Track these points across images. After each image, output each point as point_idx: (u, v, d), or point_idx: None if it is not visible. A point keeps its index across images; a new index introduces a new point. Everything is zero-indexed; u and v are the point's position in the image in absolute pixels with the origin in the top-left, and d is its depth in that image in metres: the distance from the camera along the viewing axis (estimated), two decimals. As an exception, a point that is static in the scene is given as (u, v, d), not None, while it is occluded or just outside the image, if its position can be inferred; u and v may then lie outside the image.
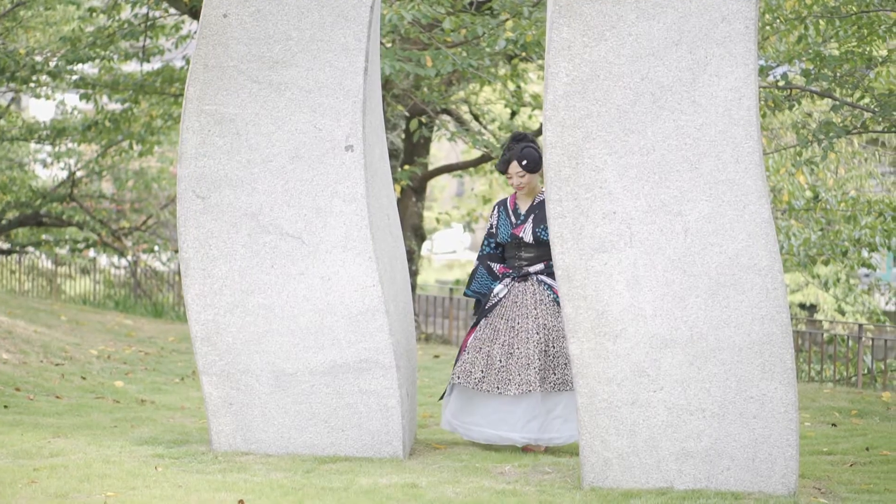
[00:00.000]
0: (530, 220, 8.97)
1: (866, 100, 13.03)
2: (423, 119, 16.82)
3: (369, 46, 8.58)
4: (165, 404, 10.94)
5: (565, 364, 8.67)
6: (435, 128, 18.22)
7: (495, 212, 9.15)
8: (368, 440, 8.45)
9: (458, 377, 8.84)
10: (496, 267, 9.08)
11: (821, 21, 13.73)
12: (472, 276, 9.16)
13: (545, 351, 8.71)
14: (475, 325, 9.00)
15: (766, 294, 7.52)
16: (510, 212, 9.10)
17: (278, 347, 8.48)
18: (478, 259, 9.18)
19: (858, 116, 13.09)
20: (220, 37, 8.50)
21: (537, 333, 8.73)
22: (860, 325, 15.33)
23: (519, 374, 8.67)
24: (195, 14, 17.90)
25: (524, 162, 8.93)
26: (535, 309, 8.83)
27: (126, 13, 20.16)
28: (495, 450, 8.82)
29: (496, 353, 8.78)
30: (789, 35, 14.55)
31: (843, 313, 22.97)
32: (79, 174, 26.30)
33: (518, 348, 8.74)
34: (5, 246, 29.03)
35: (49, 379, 11.49)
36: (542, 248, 8.93)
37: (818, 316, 23.72)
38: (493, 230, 9.13)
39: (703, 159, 7.58)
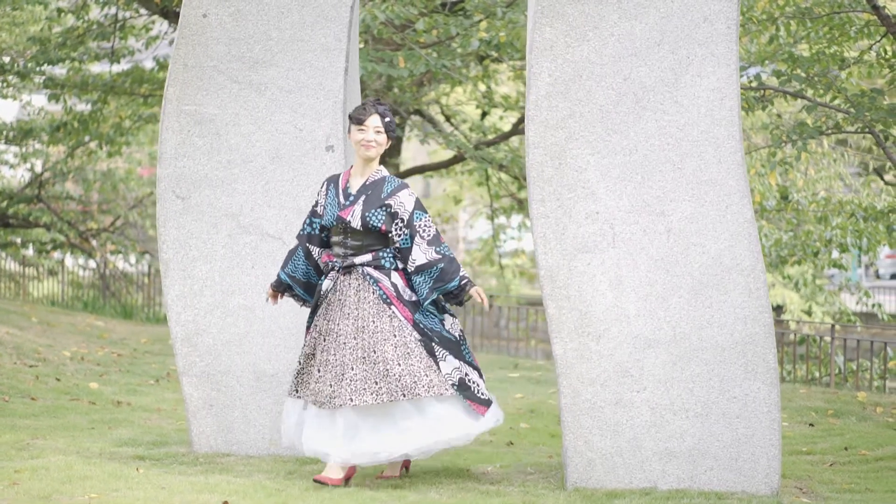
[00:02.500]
0: (360, 201, 7.61)
1: (838, 101, 13.07)
2: (397, 120, 16.78)
3: (349, 47, 8.57)
4: (141, 406, 10.88)
5: (398, 371, 7.38)
6: (408, 129, 18.20)
7: (324, 188, 7.79)
8: (350, 441, 8.42)
9: (291, 388, 7.74)
10: (316, 253, 7.79)
11: (792, 22, 13.77)
12: (289, 256, 7.85)
13: (364, 358, 7.41)
14: (308, 326, 7.79)
15: (749, 294, 7.54)
16: (340, 190, 7.72)
17: (259, 348, 8.46)
18: (297, 238, 7.86)
19: (832, 117, 13.13)
20: (200, 37, 8.47)
21: (354, 338, 7.45)
22: (833, 326, 15.38)
23: (331, 386, 7.43)
24: (166, 14, 17.86)
25: (387, 119, 7.64)
26: (357, 309, 7.52)
27: (95, 13, 20.06)
28: (476, 451, 8.80)
29: (317, 360, 7.57)
30: (760, 36, 14.59)
31: (809, 314, 23.06)
32: (46, 175, 26.14)
33: (334, 355, 7.48)
34: (-29, 247, 28.83)
35: (23, 381, 11.40)
36: (371, 237, 7.59)
37: (785, 316, 23.80)
38: (319, 209, 7.78)
39: (686, 159, 7.59)
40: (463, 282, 7.56)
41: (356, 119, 7.62)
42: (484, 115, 21.03)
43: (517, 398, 11.79)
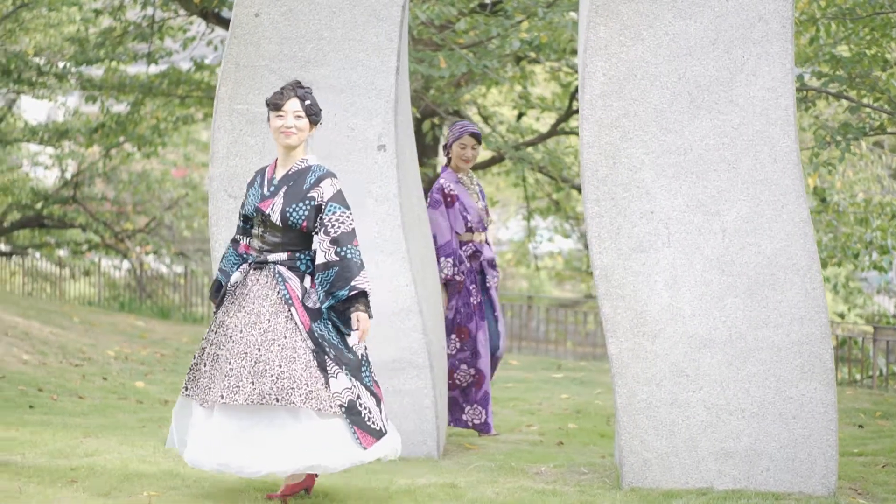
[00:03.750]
0: (281, 193, 6.86)
1: (881, 101, 13.03)
2: (436, 120, 16.80)
3: (400, 46, 8.58)
4: (188, 405, 10.90)
5: (276, 373, 6.62)
6: (446, 129, 18.18)
7: (253, 178, 7.14)
8: (403, 440, 8.39)
9: (184, 385, 6.99)
10: (241, 245, 7.10)
11: (832, 23, 13.72)
12: (224, 253, 7.23)
13: (246, 354, 6.68)
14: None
15: (805, 294, 7.52)
16: (266, 180, 7.00)
17: (311, 347, 8.45)
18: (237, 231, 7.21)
19: (875, 117, 13.08)
20: (252, 36, 8.48)
21: (241, 332, 6.74)
22: (875, 327, 15.33)
23: (218, 382, 6.71)
24: (205, 15, 17.89)
25: (307, 102, 6.89)
26: (254, 304, 6.77)
27: (132, 14, 20.11)
28: (528, 451, 8.80)
29: (206, 355, 6.88)
30: (800, 37, 14.55)
31: (842, 316, 22.98)
32: (81, 177, 26.23)
33: (220, 349, 6.78)
34: (6, 248, 28.95)
35: (70, 379, 11.45)
36: (291, 234, 6.85)
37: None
38: (245, 199, 7.11)
39: (741, 159, 7.57)
40: (353, 292, 6.71)
41: (273, 104, 6.88)
42: (520, 115, 21.01)
43: (563, 398, 11.79)
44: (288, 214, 6.78)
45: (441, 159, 23.94)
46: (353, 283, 6.69)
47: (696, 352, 7.55)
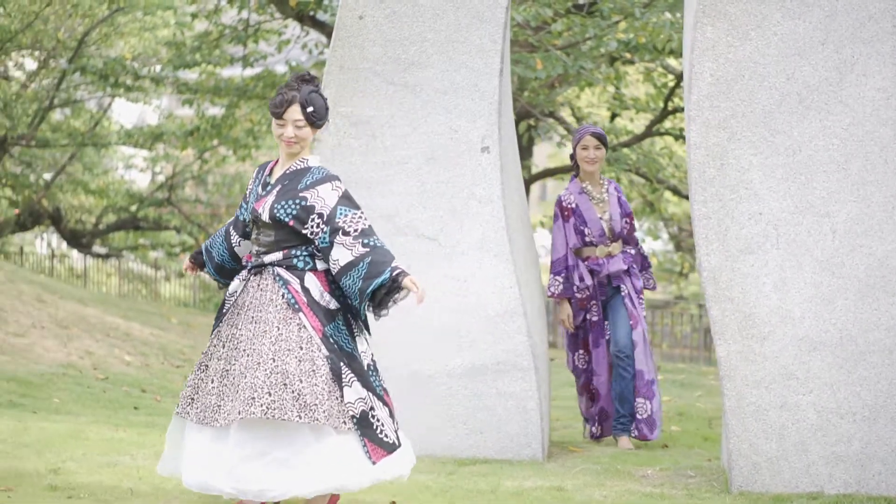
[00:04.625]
0: (275, 192, 6.38)
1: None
2: (531, 122, 16.77)
3: (504, 47, 8.56)
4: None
5: (299, 388, 6.07)
6: (543, 131, 18.17)
7: (255, 175, 6.69)
8: (507, 442, 8.42)
9: (178, 404, 6.41)
10: (235, 239, 6.65)
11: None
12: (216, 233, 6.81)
13: (260, 364, 6.12)
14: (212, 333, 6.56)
15: (918, 296, 7.42)
16: (263, 178, 6.55)
17: (416, 349, 8.46)
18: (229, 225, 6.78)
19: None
20: (356, 39, 8.51)
21: (252, 343, 6.21)
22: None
23: (221, 398, 6.18)
24: (301, 18, 17.97)
25: (310, 109, 6.35)
26: (261, 311, 6.28)
27: (226, 18, 20.26)
28: (633, 454, 8.75)
29: (211, 371, 6.31)
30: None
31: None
32: (176, 179, 26.49)
33: (233, 364, 6.22)
34: (102, 250, 29.29)
35: (172, 381, 11.56)
36: (283, 231, 6.34)
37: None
38: (247, 196, 6.63)
39: (851, 160, 7.48)
40: (395, 272, 6.20)
41: (273, 112, 6.39)
42: (613, 117, 20.94)
43: (665, 401, 11.70)
44: (275, 210, 6.27)
45: (536, 160, 23.95)
46: (392, 265, 6.19)
47: (806, 354, 7.47)
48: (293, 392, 6.02)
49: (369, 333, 6.52)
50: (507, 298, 8.41)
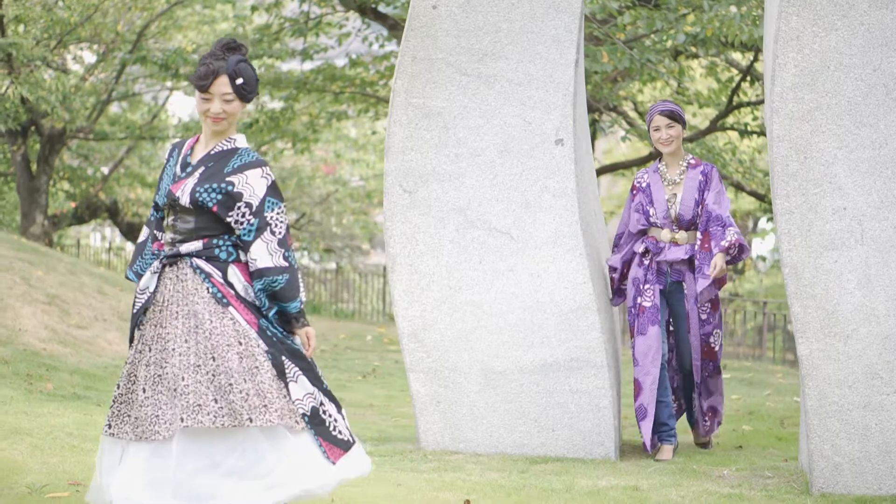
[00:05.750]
0: (197, 173, 5.66)
1: None
2: (595, 115, 16.59)
3: (579, 38, 8.40)
4: (354, 402, 10.84)
5: (245, 388, 5.45)
6: (608, 125, 17.98)
7: (168, 153, 5.90)
8: (580, 440, 8.26)
9: (107, 424, 5.65)
10: (152, 242, 5.89)
11: None
12: (137, 250, 5.96)
13: (199, 366, 5.48)
14: (130, 338, 5.82)
15: None
16: (181, 160, 5.78)
17: (487, 345, 8.32)
18: (146, 225, 5.99)
19: None
20: (429, 29, 8.37)
21: (186, 341, 5.54)
22: None
23: (170, 407, 5.46)
24: (363, 11, 17.85)
25: (239, 81, 5.63)
26: (187, 305, 5.56)
27: (287, 11, 20.16)
28: (708, 454, 8.58)
29: (141, 378, 5.56)
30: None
31: None
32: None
33: (163, 367, 5.52)
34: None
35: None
36: (204, 218, 5.64)
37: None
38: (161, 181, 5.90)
39: (939, 154, 7.28)
40: (298, 312, 5.68)
41: (198, 86, 5.64)
42: (676, 112, 20.67)
43: (734, 399, 11.53)
44: (198, 194, 5.58)
45: (598, 154, 23.77)
46: (300, 297, 5.64)
47: (890, 353, 7.26)
48: (241, 393, 5.41)
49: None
50: (580, 294, 8.25)
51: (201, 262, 5.57)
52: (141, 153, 28.18)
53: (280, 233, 5.62)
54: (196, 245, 5.60)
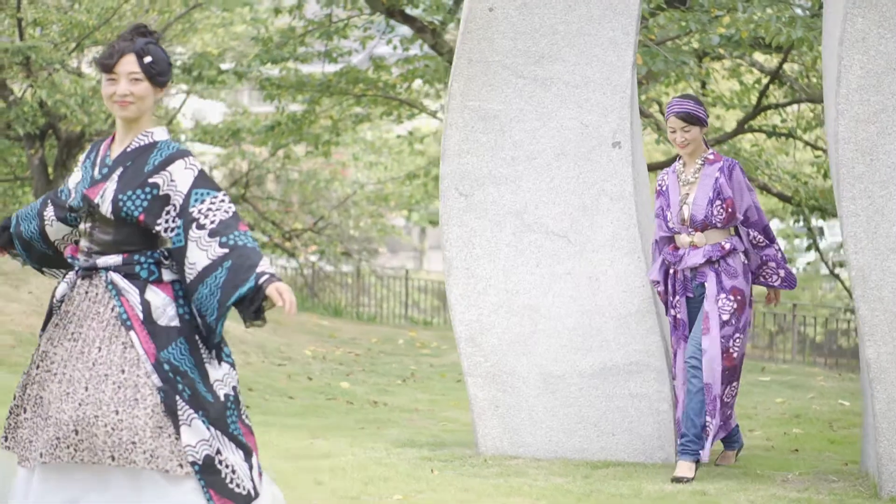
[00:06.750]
0: (115, 176, 5.07)
1: None
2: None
3: (636, 40, 8.36)
4: (398, 406, 10.80)
5: (113, 421, 4.84)
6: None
7: (86, 154, 5.28)
8: (640, 445, 8.21)
9: (4, 435, 5.19)
10: (49, 217, 5.35)
11: None
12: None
13: (69, 395, 4.92)
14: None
15: None
16: (99, 159, 5.18)
17: (545, 349, 8.27)
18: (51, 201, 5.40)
19: None
20: (485, 31, 8.32)
21: (65, 367, 4.99)
22: None
23: (41, 434, 4.96)
24: (391, 14, 17.79)
25: (147, 59, 5.05)
26: (82, 327, 5.01)
27: (309, 13, 20.08)
28: (766, 458, 8.53)
29: (27, 397, 5.08)
30: None
31: None
32: (251, 175, 26.40)
33: (46, 391, 5.00)
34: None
35: (277, 379, 11.42)
36: (126, 230, 5.06)
37: None
38: (70, 181, 5.28)
39: None
40: (261, 280, 4.81)
41: (101, 65, 5.03)
42: (699, 114, 20.61)
43: (778, 402, 11.47)
44: (121, 203, 4.99)
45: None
46: (258, 271, 4.83)
47: (960, 357, 7.22)
48: (106, 427, 4.83)
49: (226, 355, 5.14)
50: (639, 298, 8.20)
51: (118, 279, 5.01)
52: (157, 156, 28.11)
53: (212, 223, 4.94)
54: (115, 259, 5.04)
